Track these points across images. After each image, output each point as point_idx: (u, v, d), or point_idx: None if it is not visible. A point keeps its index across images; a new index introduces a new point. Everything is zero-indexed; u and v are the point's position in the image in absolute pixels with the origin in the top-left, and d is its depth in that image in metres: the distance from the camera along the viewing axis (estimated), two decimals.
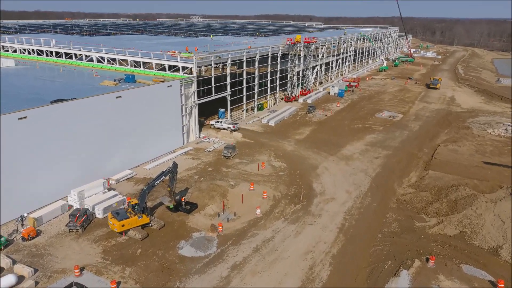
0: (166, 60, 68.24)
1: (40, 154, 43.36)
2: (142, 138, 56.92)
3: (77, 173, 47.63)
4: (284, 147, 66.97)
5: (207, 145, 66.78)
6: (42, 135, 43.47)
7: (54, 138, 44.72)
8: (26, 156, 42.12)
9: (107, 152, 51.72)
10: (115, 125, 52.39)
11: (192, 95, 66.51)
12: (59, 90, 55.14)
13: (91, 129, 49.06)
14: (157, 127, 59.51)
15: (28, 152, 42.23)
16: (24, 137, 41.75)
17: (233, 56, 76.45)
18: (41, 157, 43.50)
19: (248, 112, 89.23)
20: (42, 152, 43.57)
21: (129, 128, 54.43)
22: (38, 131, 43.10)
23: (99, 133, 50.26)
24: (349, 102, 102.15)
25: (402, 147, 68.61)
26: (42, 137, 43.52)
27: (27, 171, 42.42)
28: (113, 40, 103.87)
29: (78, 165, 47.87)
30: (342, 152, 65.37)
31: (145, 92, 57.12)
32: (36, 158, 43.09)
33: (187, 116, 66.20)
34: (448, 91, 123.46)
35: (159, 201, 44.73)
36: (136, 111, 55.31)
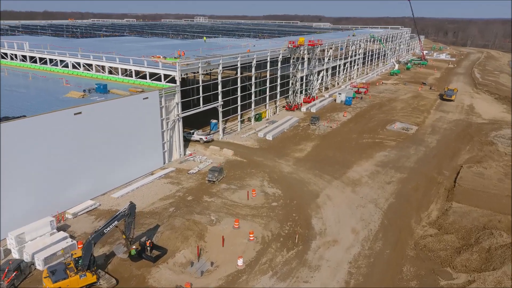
0: (146, 66, 59.46)
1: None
2: (110, 160, 48.20)
3: (24, 207, 39.04)
4: (281, 168, 57.78)
5: (192, 164, 57.86)
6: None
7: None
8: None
9: (64, 180, 43.05)
10: (75, 146, 43.69)
11: (175, 107, 57.65)
12: (15, 103, 46.63)
13: (43, 152, 40.44)
14: (130, 146, 50.77)
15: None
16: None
17: (225, 61, 67.44)
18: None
19: (245, 123, 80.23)
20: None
21: (93, 150, 45.71)
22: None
23: (54, 157, 41.61)
24: (357, 111, 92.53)
25: (419, 169, 58.99)
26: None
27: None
28: (100, 42, 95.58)
29: (26, 197, 39.28)
30: (348, 175, 55.99)
31: (114, 106, 48.34)
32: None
33: (168, 132, 57.39)
34: (466, 98, 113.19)
35: (114, 250, 35.77)
36: (102, 129, 46.58)
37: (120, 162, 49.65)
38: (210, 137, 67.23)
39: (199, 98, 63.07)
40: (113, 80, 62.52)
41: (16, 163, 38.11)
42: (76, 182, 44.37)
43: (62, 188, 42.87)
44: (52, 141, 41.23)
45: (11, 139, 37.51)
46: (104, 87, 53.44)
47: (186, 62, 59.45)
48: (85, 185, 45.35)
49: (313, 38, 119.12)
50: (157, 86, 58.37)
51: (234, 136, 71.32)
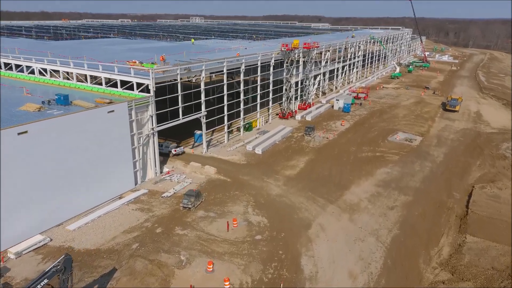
0: (116, 73, 52.52)
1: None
2: (67, 184, 41.29)
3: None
4: (269, 189, 50.83)
5: (168, 185, 50.91)
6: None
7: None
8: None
9: (6, 211, 36.09)
10: (20, 171, 36.79)
11: (149, 120, 50.71)
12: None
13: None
14: (92, 168, 43.85)
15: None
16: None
17: (209, 67, 60.52)
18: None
19: (233, 133, 73.34)
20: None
21: (43, 174, 38.79)
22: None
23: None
24: (356, 119, 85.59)
25: (425, 190, 52.07)
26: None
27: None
28: (79, 45, 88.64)
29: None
30: (345, 198, 49.06)
31: (72, 121, 41.39)
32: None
33: (141, 148, 50.47)
34: (472, 103, 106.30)
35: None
36: (56, 149, 39.72)
37: (80, 186, 42.72)
38: (180, 149, 60.72)
39: (179, 108, 56.05)
40: (81, 88, 55.66)
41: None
42: (22, 213, 37.45)
43: (6, 220, 35.93)
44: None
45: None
46: (65, 98, 46.47)
47: (161, 68, 52.46)
48: (34, 215, 38.43)
49: (309, 39, 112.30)
50: (129, 96, 51.53)
51: (220, 150, 64.39)
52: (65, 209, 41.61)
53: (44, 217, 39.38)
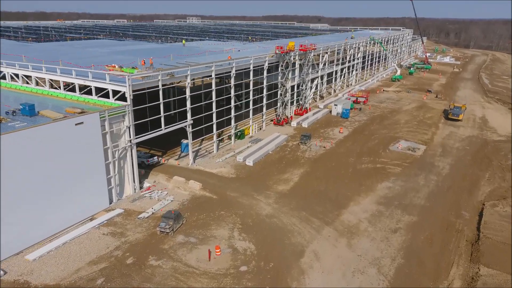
0: (91, 79, 47.62)
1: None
2: (27, 208, 36.41)
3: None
4: (258, 208, 45.95)
5: (147, 203, 46.03)
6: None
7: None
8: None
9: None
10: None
11: (126, 131, 45.81)
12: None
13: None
14: (58, 187, 39.04)
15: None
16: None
17: (195, 72, 55.68)
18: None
19: (224, 142, 68.50)
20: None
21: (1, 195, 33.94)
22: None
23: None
24: (355, 126, 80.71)
25: (431, 208, 47.21)
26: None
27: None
28: (61, 47, 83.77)
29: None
30: (343, 218, 44.20)
31: (33, 135, 36.51)
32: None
33: (117, 163, 45.59)
34: (477, 108, 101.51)
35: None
36: (15, 167, 34.85)
37: (44, 208, 37.87)
38: (153, 159, 56.14)
39: (161, 117, 51.17)
40: (54, 96, 50.79)
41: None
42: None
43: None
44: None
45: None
46: (31, 108, 41.54)
47: (140, 74, 47.55)
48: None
49: (307, 41, 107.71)
50: (104, 104, 46.66)
51: (208, 161, 59.52)
52: (26, 235, 36.79)
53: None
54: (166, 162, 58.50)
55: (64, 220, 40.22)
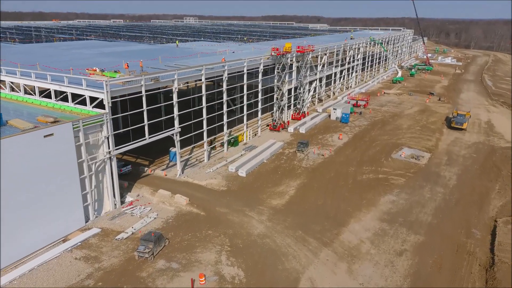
0: (67, 85, 43.49)
1: None
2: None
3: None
4: (250, 226, 41.85)
5: (128, 221, 41.91)
6: None
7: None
8: None
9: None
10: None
11: (104, 142, 41.68)
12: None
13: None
14: (26, 206, 34.99)
15: None
16: None
17: (183, 76, 51.58)
18: None
19: (216, 149, 64.43)
20: None
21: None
22: None
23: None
24: (355, 132, 76.64)
25: (439, 226, 43.16)
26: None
27: None
28: (44, 49, 79.62)
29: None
30: (342, 238, 40.13)
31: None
32: None
33: (94, 177, 41.46)
34: (482, 112, 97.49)
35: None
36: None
37: (10, 230, 33.78)
38: (127, 169, 52.00)
39: (144, 126, 47.06)
40: (29, 103, 46.68)
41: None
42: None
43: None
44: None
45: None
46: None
47: (120, 79, 43.41)
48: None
49: (305, 42, 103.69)
50: (81, 112, 42.59)
51: (198, 171, 55.43)
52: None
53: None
54: (152, 173, 54.38)
55: (33, 243, 36.12)
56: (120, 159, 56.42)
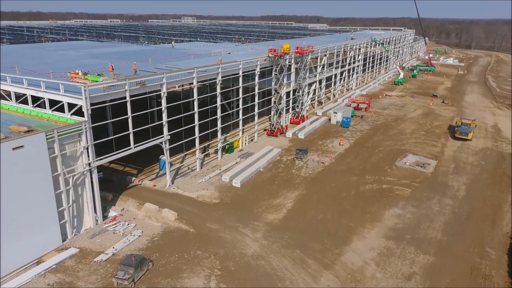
0: (43, 90, 39.80)
1: None
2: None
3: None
4: (243, 245, 38.18)
5: (110, 240, 38.23)
6: None
7: None
8: None
9: None
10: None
11: (84, 153, 37.99)
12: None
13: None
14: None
15: None
16: None
17: (172, 80, 47.86)
18: None
19: (210, 157, 60.79)
20: None
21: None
22: None
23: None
24: (357, 137, 72.99)
25: (450, 244, 39.51)
26: None
27: None
28: (29, 50, 75.82)
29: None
30: (344, 259, 36.48)
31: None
32: None
33: (73, 191, 37.78)
34: (487, 115, 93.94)
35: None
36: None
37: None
38: (98, 176, 47.92)
39: (129, 134, 43.39)
40: (5, 109, 43.00)
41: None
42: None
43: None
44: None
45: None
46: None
47: (100, 84, 39.69)
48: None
49: (304, 42, 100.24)
50: (59, 120, 38.92)
51: (189, 181, 51.77)
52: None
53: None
54: (140, 183, 50.71)
55: (2, 266, 32.38)
56: (106, 167, 52.90)
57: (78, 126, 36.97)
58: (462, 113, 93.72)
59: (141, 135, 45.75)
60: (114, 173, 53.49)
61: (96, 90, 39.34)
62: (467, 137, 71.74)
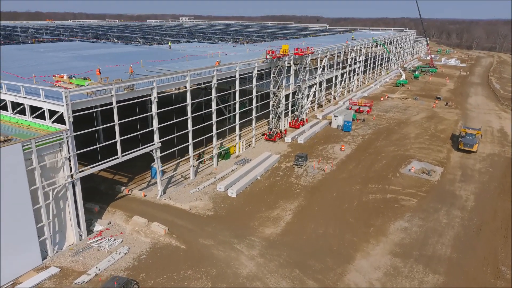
0: (23, 96, 36.92)
1: None
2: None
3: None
4: (238, 264, 35.29)
5: (93, 258, 35.34)
6: None
7: None
8: None
9: None
10: None
11: (65, 164, 35.10)
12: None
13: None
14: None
15: None
16: None
17: (163, 84, 44.96)
18: None
19: (205, 164, 57.95)
20: None
21: None
22: None
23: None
24: (359, 142, 70.12)
25: (461, 262, 36.67)
26: None
27: None
28: (17, 51, 72.89)
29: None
30: (348, 280, 33.62)
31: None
32: None
33: (54, 205, 34.91)
34: (492, 118, 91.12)
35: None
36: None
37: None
38: None
39: (116, 143, 40.52)
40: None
41: None
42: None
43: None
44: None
45: None
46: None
47: (82, 89, 36.78)
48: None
49: (303, 43, 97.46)
50: (40, 128, 36.03)
51: (182, 191, 48.91)
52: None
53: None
54: (130, 193, 47.83)
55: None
56: (95, 175, 50.05)
57: (59, 135, 34.09)
58: (467, 116, 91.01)
59: (134, 141, 42.96)
60: (103, 182, 50.64)
61: (80, 95, 36.48)
62: (472, 149, 64.97)
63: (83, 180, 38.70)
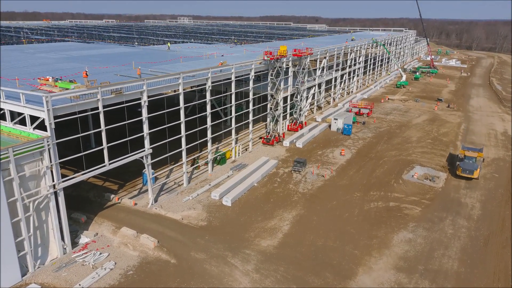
0: (3, 100, 34.60)
1: None
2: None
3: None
4: (231, 280, 33.02)
5: (76, 274, 33.02)
6: None
7: None
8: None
9: None
10: None
11: (46, 174, 32.78)
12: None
13: None
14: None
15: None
16: None
17: (154, 87, 42.63)
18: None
19: (200, 169, 55.69)
20: None
21: None
22: None
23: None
24: (359, 146, 67.88)
25: (469, 277, 34.48)
26: None
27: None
28: (6, 52, 70.31)
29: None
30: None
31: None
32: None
33: (35, 218, 32.61)
34: (496, 120, 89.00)
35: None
36: None
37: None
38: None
39: (103, 149, 38.22)
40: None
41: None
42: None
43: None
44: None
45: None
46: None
47: (64, 93, 34.45)
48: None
49: (302, 44, 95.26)
50: (21, 135, 33.71)
51: (174, 199, 46.60)
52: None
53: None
54: (119, 202, 45.51)
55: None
56: (84, 182, 47.72)
57: (39, 142, 31.77)
58: (470, 119, 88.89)
59: (126, 147, 40.70)
60: (92, 189, 48.31)
61: (64, 100, 34.21)
62: (472, 176, 53.99)
63: (70, 188, 36.49)
